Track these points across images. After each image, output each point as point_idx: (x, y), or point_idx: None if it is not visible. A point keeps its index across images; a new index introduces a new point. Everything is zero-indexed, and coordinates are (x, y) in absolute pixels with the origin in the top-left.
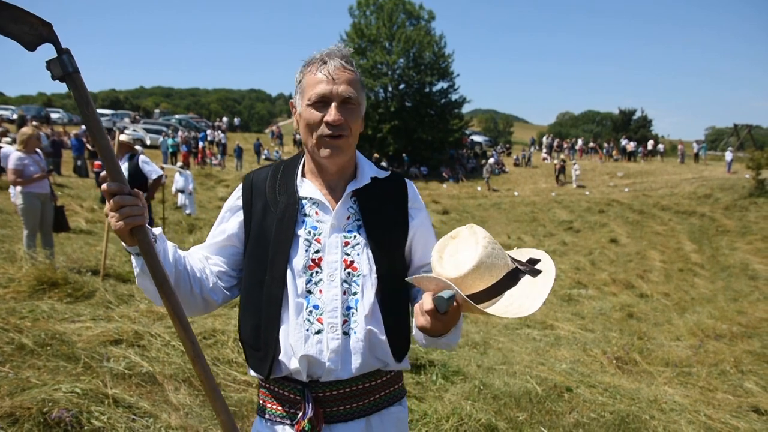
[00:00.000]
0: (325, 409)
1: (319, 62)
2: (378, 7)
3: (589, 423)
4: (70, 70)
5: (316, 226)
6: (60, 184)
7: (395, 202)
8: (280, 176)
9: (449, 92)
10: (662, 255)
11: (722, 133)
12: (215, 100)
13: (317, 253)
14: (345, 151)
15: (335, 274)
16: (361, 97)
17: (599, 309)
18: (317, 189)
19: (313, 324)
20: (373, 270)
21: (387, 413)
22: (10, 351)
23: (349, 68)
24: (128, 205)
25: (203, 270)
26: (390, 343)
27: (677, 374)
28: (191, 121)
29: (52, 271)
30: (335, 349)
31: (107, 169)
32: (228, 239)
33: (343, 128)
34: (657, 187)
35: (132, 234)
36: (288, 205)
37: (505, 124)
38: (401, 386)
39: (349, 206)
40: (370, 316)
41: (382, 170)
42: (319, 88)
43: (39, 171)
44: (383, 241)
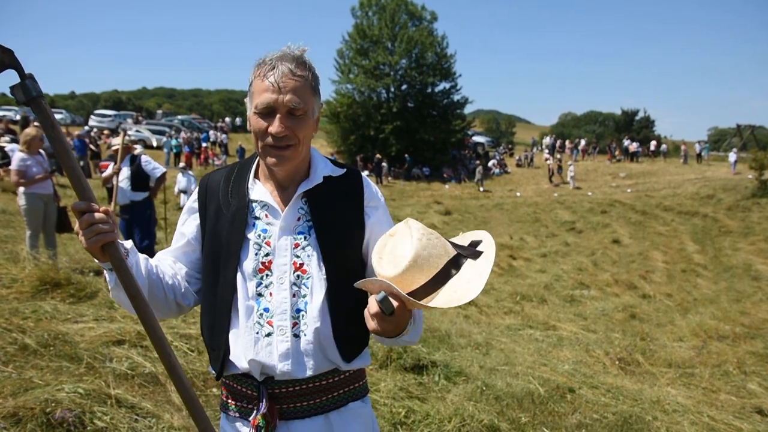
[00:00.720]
0: (282, 406)
1: (269, 67)
2: (380, 8)
3: (591, 424)
4: (33, 94)
5: (266, 229)
6: (63, 184)
7: (349, 201)
8: (234, 178)
9: (451, 93)
10: (665, 256)
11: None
12: (218, 100)
13: (267, 256)
14: (292, 159)
15: (284, 277)
16: (310, 104)
17: (602, 310)
18: (267, 191)
19: (263, 327)
20: (322, 272)
21: (347, 410)
22: (13, 351)
23: (298, 74)
24: (97, 223)
25: (174, 276)
26: (338, 344)
27: (680, 375)
28: (194, 121)
29: (54, 271)
30: (285, 352)
31: (75, 187)
32: (187, 243)
33: (288, 139)
34: (659, 187)
35: (103, 251)
36: (239, 208)
37: (507, 124)
38: (362, 384)
39: (300, 207)
40: (319, 318)
41: (338, 167)
42: (264, 97)
43: (42, 172)
44: (334, 242)
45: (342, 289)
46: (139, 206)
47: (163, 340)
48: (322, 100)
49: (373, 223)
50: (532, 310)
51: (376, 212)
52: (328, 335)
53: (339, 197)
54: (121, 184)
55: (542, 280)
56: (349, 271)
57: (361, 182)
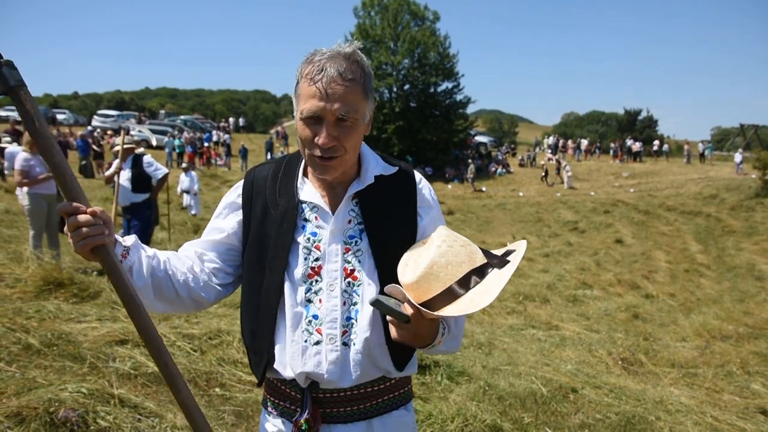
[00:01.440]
0: (325, 410)
1: (317, 70)
2: (383, 8)
3: (594, 424)
4: (12, 83)
5: (316, 232)
6: None
7: (402, 202)
8: (281, 176)
9: (454, 92)
10: (668, 255)
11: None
12: (220, 100)
13: (317, 261)
14: (338, 168)
15: (335, 284)
16: (361, 110)
17: (604, 310)
18: (317, 192)
19: (312, 335)
20: (374, 278)
21: (389, 417)
22: (16, 351)
23: (349, 78)
24: (83, 226)
25: (191, 269)
26: (392, 353)
27: (683, 375)
28: (196, 121)
29: (58, 271)
30: (334, 360)
31: (61, 187)
32: (226, 237)
33: (335, 150)
34: (662, 187)
35: (93, 253)
36: (288, 209)
37: (509, 124)
38: (407, 390)
39: (350, 209)
40: (371, 326)
41: (390, 165)
42: (310, 103)
43: (45, 172)
44: (387, 246)
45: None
46: (139, 207)
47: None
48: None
49: (426, 224)
50: (535, 310)
51: (429, 213)
52: (378, 344)
53: (391, 198)
54: (123, 184)
55: (545, 279)
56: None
57: (414, 181)
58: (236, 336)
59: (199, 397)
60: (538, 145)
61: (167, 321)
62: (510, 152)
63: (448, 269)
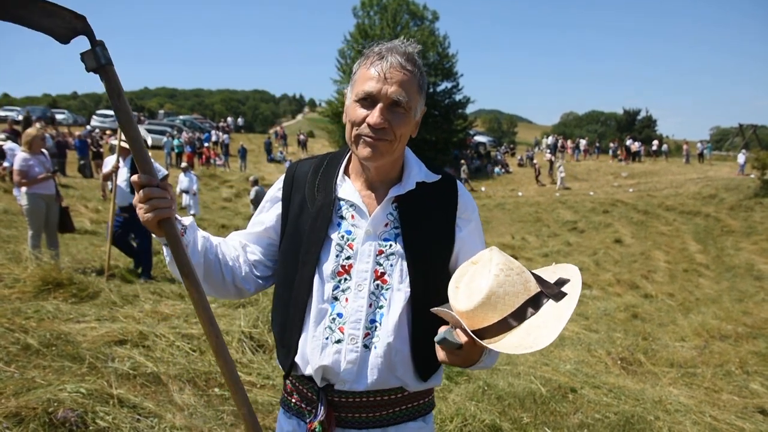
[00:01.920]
0: (340, 414)
1: (377, 57)
2: (382, 8)
3: (593, 424)
4: (103, 62)
5: (351, 230)
6: (64, 184)
7: (442, 211)
8: (322, 171)
9: (453, 92)
10: (667, 255)
11: (727, 133)
12: (219, 100)
13: (348, 259)
14: (385, 154)
15: (363, 284)
16: (414, 101)
17: (603, 309)
18: (356, 191)
19: (334, 332)
20: (405, 284)
21: (406, 428)
22: (15, 351)
23: (408, 68)
24: (156, 197)
25: (237, 258)
26: (415, 362)
27: (682, 375)
28: (195, 121)
29: (57, 271)
30: (352, 360)
31: (137, 160)
32: (265, 230)
33: (385, 133)
34: (661, 187)
35: (159, 226)
36: (324, 204)
37: (509, 124)
38: (428, 401)
39: (389, 212)
40: (395, 332)
41: (433, 172)
42: (367, 85)
43: (44, 172)
44: (422, 253)
45: (423, 305)
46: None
47: (213, 320)
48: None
49: (464, 236)
50: None
51: (468, 225)
52: (400, 351)
53: (431, 206)
54: (121, 184)
55: None
56: (432, 287)
57: (456, 191)
58: (235, 336)
59: (198, 397)
60: (537, 145)
61: (166, 321)
62: (509, 152)
63: (506, 300)
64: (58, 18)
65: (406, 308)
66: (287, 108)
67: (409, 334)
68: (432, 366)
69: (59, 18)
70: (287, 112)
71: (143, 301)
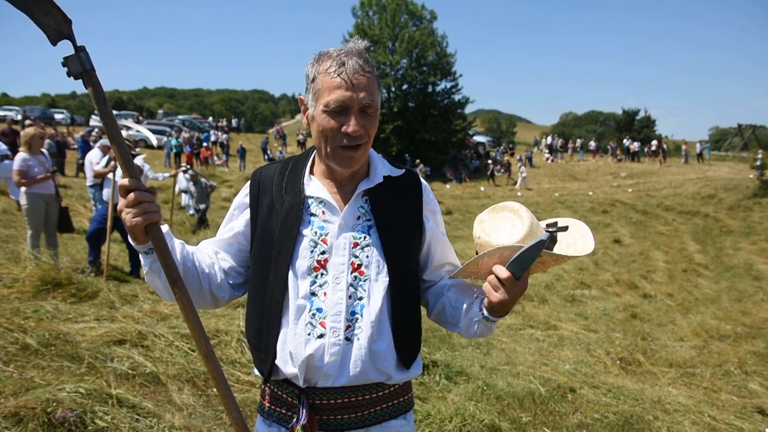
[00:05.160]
0: (322, 417)
1: (337, 63)
2: (381, 8)
3: (592, 424)
4: (87, 67)
5: (323, 226)
6: (64, 184)
7: (409, 202)
8: (288, 174)
9: (452, 92)
10: (666, 255)
11: (726, 133)
12: (218, 100)
13: (323, 254)
14: (360, 159)
15: (341, 277)
16: (378, 100)
17: (603, 309)
18: (325, 188)
19: (315, 328)
20: (383, 274)
21: (387, 427)
22: (14, 351)
23: (368, 69)
24: (146, 201)
25: (212, 266)
26: (398, 350)
27: (681, 375)
28: (194, 121)
29: (56, 271)
30: (336, 353)
31: (122, 166)
32: (235, 237)
33: (362, 138)
34: (660, 187)
35: (146, 231)
36: (294, 204)
37: (508, 124)
38: (408, 399)
39: (360, 206)
40: (376, 322)
41: (396, 168)
42: (337, 94)
43: (43, 172)
44: (396, 243)
45: (401, 293)
46: None
47: (200, 326)
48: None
49: (432, 227)
50: (533, 309)
51: (434, 216)
52: (383, 342)
53: (399, 198)
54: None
55: (543, 279)
56: (408, 275)
57: (420, 184)
58: (234, 336)
59: (198, 397)
60: (536, 145)
61: (165, 321)
62: (508, 152)
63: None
64: (51, 17)
65: (386, 298)
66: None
67: (390, 323)
68: (413, 353)
69: (52, 18)
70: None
71: (142, 301)
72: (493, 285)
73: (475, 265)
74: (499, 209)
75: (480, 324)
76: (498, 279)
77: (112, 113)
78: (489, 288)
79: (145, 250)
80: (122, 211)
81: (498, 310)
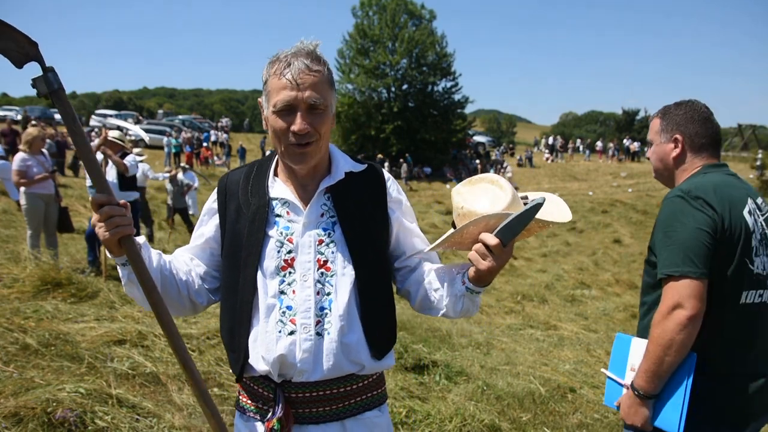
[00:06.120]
0: (297, 410)
1: (284, 64)
2: (381, 8)
3: (592, 423)
4: (55, 87)
5: (288, 226)
6: (64, 184)
7: (373, 196)
8: (253, 177)
9: (452, 92)
10: None
11: (726, 133)
12: (218, 100)
13: (290, 253)
14: (314, 156)
15: (308, 274)
16: (329, 99)
17: (603, 309)
18: (288, 189)
19: (286, 325)
20: (349, 268)
21: (363, 418)
22: (14, 351)
23: (315, 69)
24: (117, 215)
25: (189, 272)
26: (369, 341)
27: None
28: (194, 121)
29: (56, 271)
30: (308, 349)
31: (94, 180)
32: (206, 242)
33: (310, 136)
34: (660, 187)
35: (120, 244)
36: (259, 206)
37: (508, 124)
38: (381, 392)
39: (323, 203)
40: (345, 317)
41: (358, 163)
42: (282, 95)
43: (43, 172)
44: (360, 237)
45: (369, 286)
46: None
47: (177, 335)
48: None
49: (399, 217)
50: (533, 309)
51: (399, 207)
52: (354, 334)
53: (362, 193)
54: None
55: (543, 279)
56: (375, 268)
57: (383, 177)
58: None
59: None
60: (536, 145)
61: None
62: (508, 152)
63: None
64: (12, 41)
65: (353, 291)
66: None
67: (359, 315)
68: (386, 344)
69: (13, 42)
70: None
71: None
72: (480, 253)
73: (459, 234)
74: (476, 181)
75: (465, 298)
76: (486, 246)
77: (83, 131)
78: (476, 256)
79: (122, 262)
80: (95, 225)
81: (483, 279)
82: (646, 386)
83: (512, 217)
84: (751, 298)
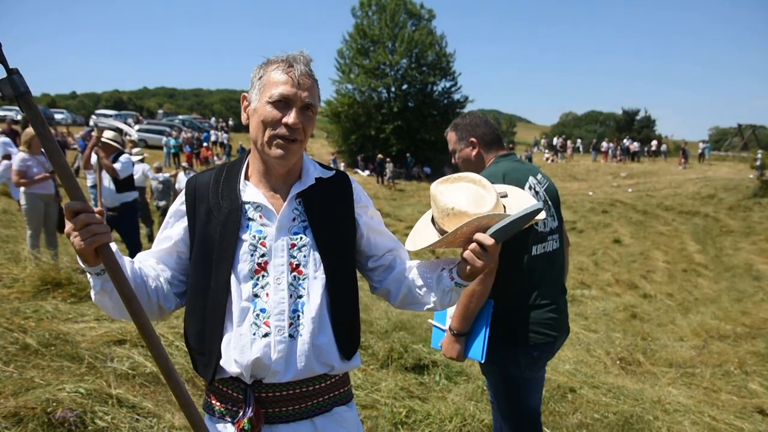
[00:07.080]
0: (268, 410)
1: (285, 64)
2: (380, 8)
3: (592, 424)
4: (22, 90)
5: (261, 230)
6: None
7: (341, 201)
8: (223, 180)
9: (452, 92)
10: (666, 255)
11: (726, 133)
12: (218, 100)
13: (263, 257)
14: (296, 154)
15: (281, 277)
16: (318, 106)
17: (603, 309)
18: (260, 193)
19: (260, 328)
20: (320, 272)
21: (331, 414)
22: (14, 351)
23: (313, 77)
24: (93, 223)
25: (157, 278)
26: (338, 343)
27: (681, 375)
28: (194, 121)
29: (56, 271)
30: (281, 350)
31: (66, 188)
32: (174, 245)
33: (299, 133)
34: (660, 187)
35: (96, 253)
36: (231, 210)
37: (508, 124)
38: (347, 390)
39: (294, 208)
40: (317, 319)
41: (327, 170)
42: (282, 88)
43: (42, 172)
44: (331, 241)
45: (339, 289)
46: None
47: (159, 342)
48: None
49: (367, 221)
50: None
51: (366, 212)
52: (324, 336)
53: (331, 197)
54: (106, 185)
55: None
56: (343, 271)
57: (350, 183)
58: None
59: (198, 397)
60: (536, 145)
61: (165, 321)
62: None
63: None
64: None
65: (324, 294)
66: None
67: (329, 317)
68: (353, 345)
69: None
70: None
71: None
72: (476, 253)
73: (453, 235)
74: (455, 179)
75: (453, 292)
76: (482, 246)
77: (52, 136)
78: (472, 256)
79: (97, 271)
80: (70, 234)
81: (475, 275)
82: (458, 326)
83: (510, 220)
84: (538, 251)
